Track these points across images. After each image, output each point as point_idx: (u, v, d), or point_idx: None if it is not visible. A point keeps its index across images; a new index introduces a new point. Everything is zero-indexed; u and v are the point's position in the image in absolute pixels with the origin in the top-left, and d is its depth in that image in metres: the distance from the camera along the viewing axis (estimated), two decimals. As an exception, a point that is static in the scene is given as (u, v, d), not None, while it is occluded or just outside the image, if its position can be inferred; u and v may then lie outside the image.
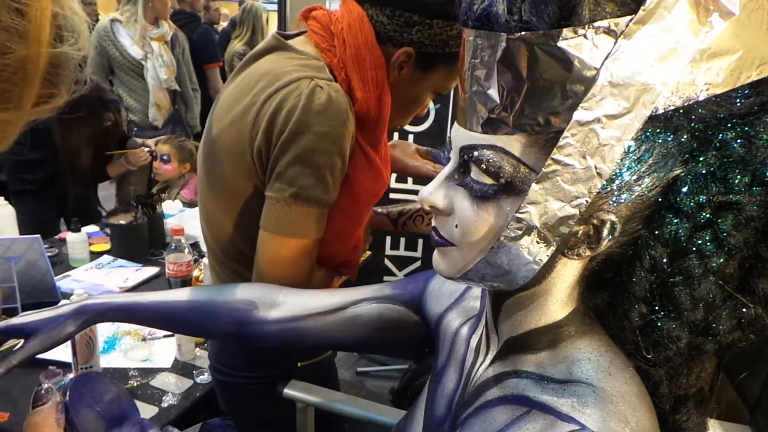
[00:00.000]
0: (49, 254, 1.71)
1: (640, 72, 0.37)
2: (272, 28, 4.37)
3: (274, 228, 0.80)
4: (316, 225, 0.81)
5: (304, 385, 0.98)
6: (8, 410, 1.11)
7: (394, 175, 1.99)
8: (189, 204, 2.34)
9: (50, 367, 1.20)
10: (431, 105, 2.12)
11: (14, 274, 1.42)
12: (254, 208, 0.83)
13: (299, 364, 0.99)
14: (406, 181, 2.18)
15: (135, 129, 2.75)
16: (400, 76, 0.85)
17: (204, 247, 1.87)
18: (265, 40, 0.88)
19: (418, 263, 2.31)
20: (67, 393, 0.42)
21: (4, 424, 1.07)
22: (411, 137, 2.17)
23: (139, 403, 1.20)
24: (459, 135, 0.45)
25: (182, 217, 2.09)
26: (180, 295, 0.78)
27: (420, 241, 2.28)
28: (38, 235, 1.48)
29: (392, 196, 2.15)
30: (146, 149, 2.35)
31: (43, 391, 0.41)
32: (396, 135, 2.16)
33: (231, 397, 1.04)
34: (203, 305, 0.76)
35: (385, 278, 2.26)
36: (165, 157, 2.37)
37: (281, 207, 0.78)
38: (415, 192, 2.07)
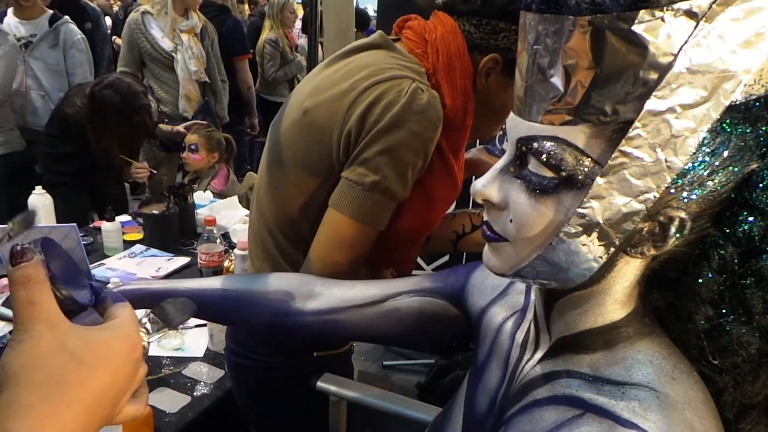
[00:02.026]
0: (84, 242, 1.74)
1: (722, 58, 0.35)
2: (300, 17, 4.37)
3: (346, 209, 0.81)
4: (386, 216, 0.83)
5: (338, 378, 0.97)
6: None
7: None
8: (219, 195, 2.36)
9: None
10: None
11: (52, 262, 1.45)
12: (325, 191, 0.84)
13: (315, 354, 0.98)
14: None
15: (166, 120, 2.78)
16: (487, 83, 0.87)
17: (234, 238, 1.89)
18: (372, 37, 0.90)
19: (446, 258, 2.29)
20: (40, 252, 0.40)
21: None
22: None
23: (171, 392, 1.22)
24: (517, 125, 0.43)
25: (212, 208, 2.10)
26: (216, 283, 0.77)
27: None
28: (74, 224, 1.50)
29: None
30: (145, 169, 2.33)
31: (20, 248, 0.39)
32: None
33: (245, 381, 1.03)
34: (240, 294, 0.76)
35: (413, 272, 2.24)
36: (193, 147, 2.39)
37: (359, 191, 0.80)
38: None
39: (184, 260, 1.80)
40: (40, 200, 1.84)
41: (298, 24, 4.38)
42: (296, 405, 1.01)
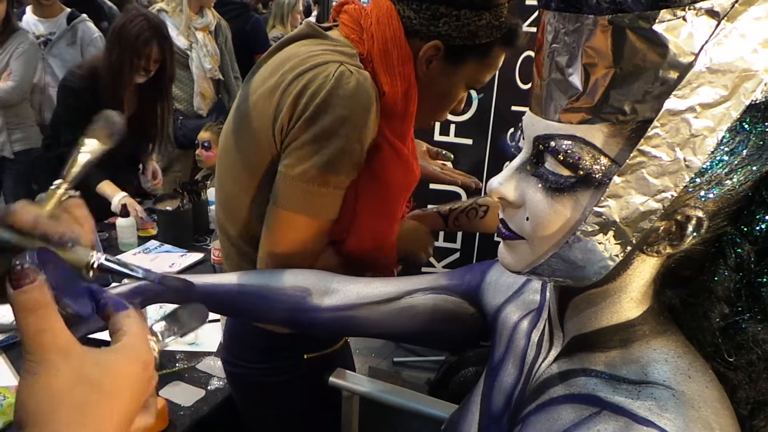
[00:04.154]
0: (100, 237, 1.77)
1: (743, 57, 0.35)
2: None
3: (280, 201, 0.80)
4: (324, 206, 0.81)
5: (350, 374, 0.98)
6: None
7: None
8: (232, 191, 2.37)
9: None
10: (474, 94, 2.08)
11: (69, 257, 1.47)
12: (271, 188, 0.83)
13: (305, 356, 0.97)
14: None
15: (181, 117, 2.81)
16: (429, 70, 0.85)
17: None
18: (299, 28, 0.89)
19: (457, 255, 2.29)
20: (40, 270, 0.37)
21: None
22: (453, 127, 2.14)
23: (186, 386, 1.23)
24: (533, 124, 0.43)
25: (226, 205, 2.11)
26: (233, 278, 0.78)
27: (459, 233, 2.25)
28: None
29: (432, 186, 2.12)
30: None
31: (21, 267, 0.35)
32: (438, 126, 2.13)
33: (244, 390, 1.05)
34: (257, 290, 0.77)
35: (423, 269, 2.25)
36: (206, 144, 2.41)
37: (290, 182, 0.79)
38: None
39: (197, 256, 1.82)
40: (58, 195, 1.86)
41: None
42: (295, 407, 1.01)
